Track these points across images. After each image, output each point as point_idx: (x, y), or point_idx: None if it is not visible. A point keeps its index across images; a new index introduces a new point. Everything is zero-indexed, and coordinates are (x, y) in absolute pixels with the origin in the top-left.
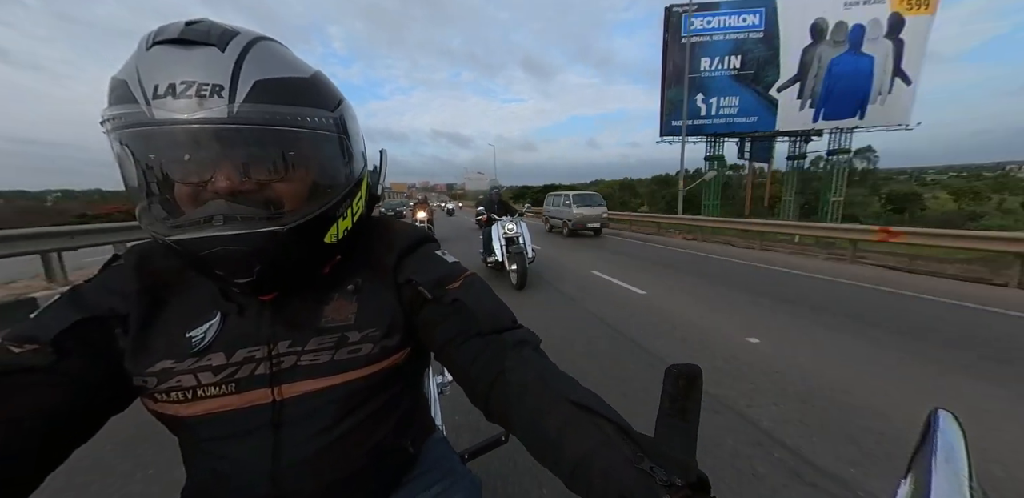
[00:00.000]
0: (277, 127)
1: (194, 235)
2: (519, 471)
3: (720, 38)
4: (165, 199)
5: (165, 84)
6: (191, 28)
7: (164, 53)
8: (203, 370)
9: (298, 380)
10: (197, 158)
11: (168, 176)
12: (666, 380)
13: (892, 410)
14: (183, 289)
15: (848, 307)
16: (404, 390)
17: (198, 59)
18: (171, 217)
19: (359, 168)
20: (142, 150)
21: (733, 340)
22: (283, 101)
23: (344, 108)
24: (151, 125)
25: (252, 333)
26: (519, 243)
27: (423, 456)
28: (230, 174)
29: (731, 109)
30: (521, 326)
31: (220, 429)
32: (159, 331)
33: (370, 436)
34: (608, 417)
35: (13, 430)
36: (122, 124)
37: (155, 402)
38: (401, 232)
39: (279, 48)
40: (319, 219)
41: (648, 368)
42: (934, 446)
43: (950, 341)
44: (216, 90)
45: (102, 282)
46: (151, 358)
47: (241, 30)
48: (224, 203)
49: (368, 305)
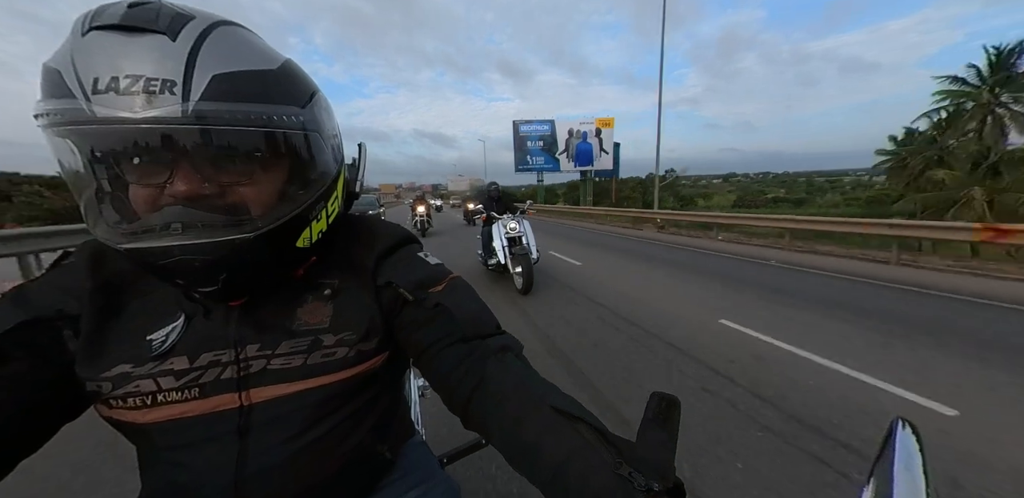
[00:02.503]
0: (239, 127)
1: (149, 244)
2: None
3: (535, 132)
4: (116, 202)
5: (107, 77)
6: (135, 11)
7: (103, 40)
8: (164, 375)
9: (267, 385)
10: (149, 161)
11: (117, 178)
12: (649, 404)
13: (660, 302)
14: (143, 289)
15: (663, 255)
16: (382, 394)
17: (144, 49)
18: (124, 222)
19: (334, 166)
20: (85, 150)
21: (569, 263)
22: (246, 98)
23: (316, 101)
24: (92, 124)
25: (219, 336)
26: (523, 244)
27: (401, 460)
28: (188, 178)
29: (540, 160)
30: (504, 332)
31: (181, 437)
32: (115, 333)
33: (344, 441)
34: (587, 421)
35: None
36: (59, 121)
37: (110, 408)
38: (382, 232)
39: (243, 34)
40: (290, 223)
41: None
42: (893, 454)
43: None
44: (167, 86)
45: (51, 281)
46: (106, 362)
47: (197, 13)
48: (182, 209)
49: (344, 308)
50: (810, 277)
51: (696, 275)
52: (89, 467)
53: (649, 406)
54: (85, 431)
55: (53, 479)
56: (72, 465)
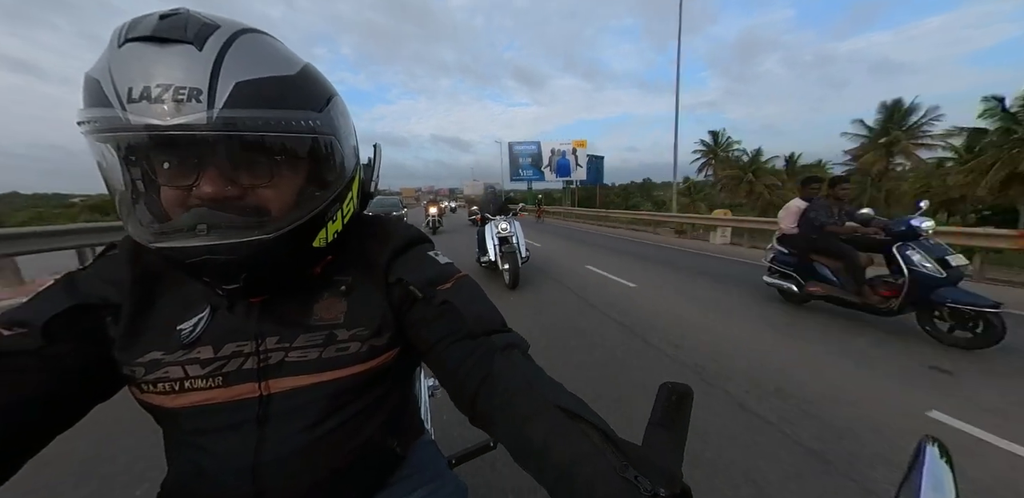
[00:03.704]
0: (260, 132)
1: (178, 244)
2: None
3: (525, 151)
4: (149, 203)
5: (140, 86)
6: (165, 23)
7: (137, 51)
8: (191, 362)
9: (285, 376)
10: (178, 164)
11: (150, 180)
12: (659, 394)
13: (578, 263)
14: (175, 281)
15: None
16: (392, 390)
17: (174, 59)
18: (155, 222)
19: (350, 168)
20: (121, 154)
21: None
22: (267, 104)
23: (334, 105)
24: (127, 131)
25: (241, 328)
26: (512, 242)
27: (410, 458)
28: (213, 180)
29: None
30: (510, 330)
31: (205, 422)
32: (150, 322)
33: (356, 435)
34: (594, 424)
35: (1, 411)
36: (98, 128)
37: (142, 392)
38: (395, 231)
39: (264, 41)
40: (307, 225)
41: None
42: (921, 475)
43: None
44: (194, 94)
45: (97, 270)
46: (141, 348)
47: (222, 22)
48: (207, 211)
49: (358, 304)
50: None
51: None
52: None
53: (658, 399)
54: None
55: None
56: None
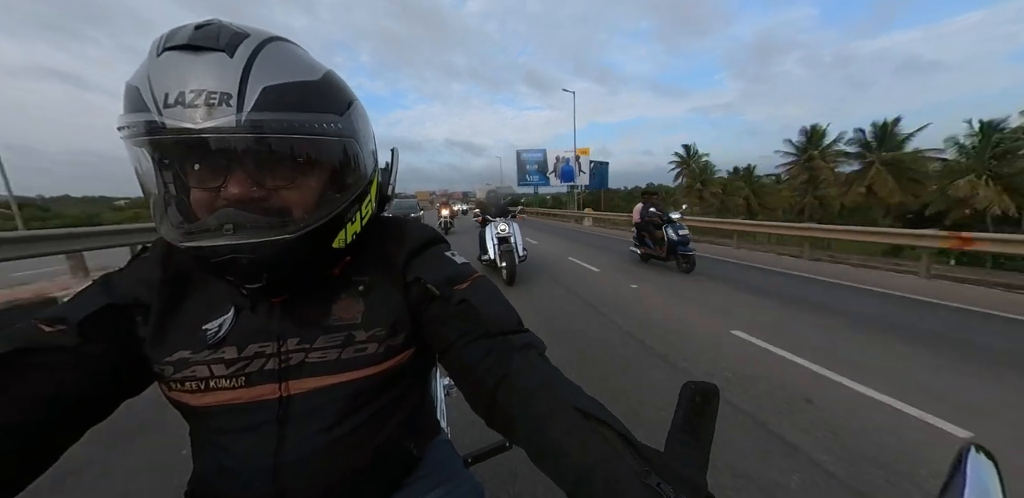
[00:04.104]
0: (284, 135)
1: (205, 243)
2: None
3: (532, 158)
4: (180, 204)
5: (175, 92)
6: (200, 32)
7: (174, 59)
8: (216, 362)
9: (305, 377)
10: (207, 166)
11: (181, 183)
12: (681, 395)
13: (560, 254)
14: (201, 282)
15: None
16: (409, 391)
17: (207, 66)
18: (185, 222)
19: (369, 171)
20: (156, 157)
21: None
22: (291, 107)
23: (354, 109)
24: (163, 134)
25: (263, 329)
26: (510, 242)
27: (426, 458)
28: (240, 182)
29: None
30: (527, 330)
31: (228, 421)
32: (178, 321)
33: (373, 436)
34: (613, 427)
35: (35, 405)
36: (136, 132)
37: (170, 390)
38: (412, 232)
39: (290, 48)
40: (328, 225)
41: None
42: (964, 485)
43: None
44: (224, 98)
45: (131, 271)
46: (169, 347)
47: (252, 31)
48: (234, 211)
49: (376, 305)
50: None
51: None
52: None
53: (681, 399)
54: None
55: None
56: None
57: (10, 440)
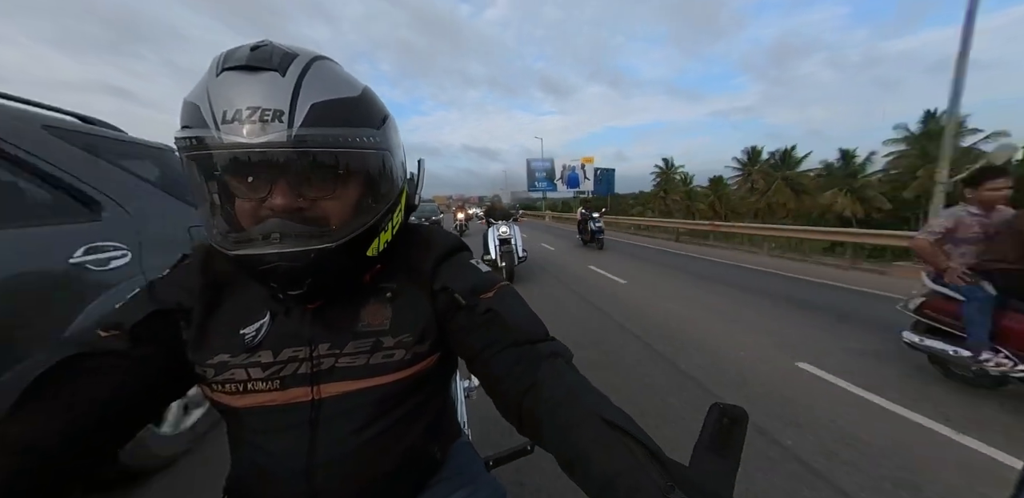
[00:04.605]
0: (330, 149)
1: (254, 251)
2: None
3: (540, 167)
4: (227, 214)
5: (233, 109)
6: (255, 53)
7: (232, 79)
8: (253, 366)
9: (335, 381)
10: (258, 178)
11: (231, 194)
12: (708, 416)
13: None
14: (238, 288)
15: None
16: (433, 395)
17: (262, 85)
18: (233, 231)
19: (400, 181)
20: (211, 170)
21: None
22: (336, 123)
23: (389, 123)
24: (221, 148)
25: (296, 334)
26: (511, 244)
27: (448, 460)
28: (284, 192)
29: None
30: (554, 338)
31: (264, 422)
32: (217, 326)
33: (400, 440)
34: (639, 439)
35: (93, 408)
36: (194, 146)
37: (212, 391)
38: (437, 239)
39: (333, 67)
40: (365, 234)
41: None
42: None
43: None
44: (277, 115)
45: (173, 278)
46: (210, 350)
47: (300, 51)
48: (281, 221)
49: (402, 311)
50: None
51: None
52: None
53: (707, 421)
54: None
55: None
56: None
57: (71, 441)
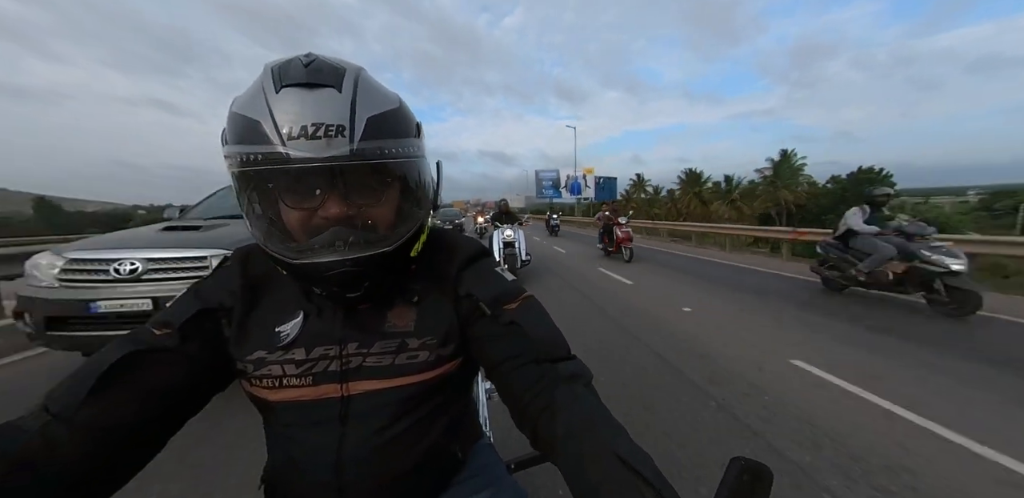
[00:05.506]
0: (387, 160)
1: (321, 259)
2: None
3: (548, 176)
4: (284, 224)
5: (298, 126)
6: (311, 71)
7: (294, 96)
8: (288, 362)
9: (363, 379)
10: (311, 190)
11: (291, 206)
12: (728, 470)
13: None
14: (274, 288)
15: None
16: (455, 396)
17: (323, 101)
18: (291, 241)
19: (433, 185)
20: (275, 184)
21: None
22: (388, 134)
23: (422, 131)
24: (290, 164)
25: (327, 333)
26: (514, 247)
27: (471, 461)
28: (337, 202)
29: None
30: (575, 357)
31: (297, 417)
32: (255, 324)
33: (422, 438)
34: (652, 483)
35: (148, 401)
36: (259, 161)
37: (250, 386)
38: (460, 244)
39: (372, 79)
40: (412, 237)
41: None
42: None
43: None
44: (340, 130)
45: (216, 279)
46: (249, 347)
47: (344, 65)
48: (340, 229)
49: (427, 314)
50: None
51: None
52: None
53: (727, 475)
54: None
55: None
56: None
57: (128, 432)
